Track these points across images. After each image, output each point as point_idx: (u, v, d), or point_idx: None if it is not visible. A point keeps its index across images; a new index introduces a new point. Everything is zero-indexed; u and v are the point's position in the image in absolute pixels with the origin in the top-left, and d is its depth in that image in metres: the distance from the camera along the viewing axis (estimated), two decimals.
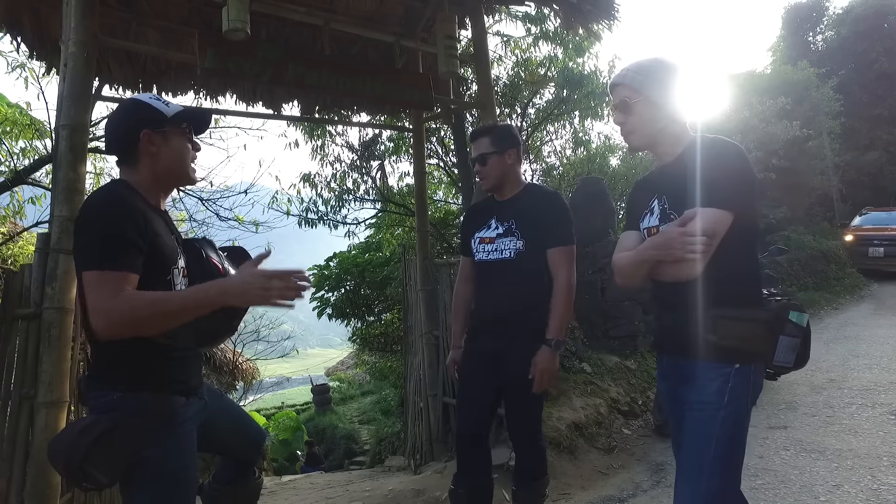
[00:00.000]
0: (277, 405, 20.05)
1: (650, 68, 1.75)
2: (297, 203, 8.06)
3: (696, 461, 1.65)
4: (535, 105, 7.98)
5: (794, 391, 5.07)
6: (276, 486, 5.37)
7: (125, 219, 1.53)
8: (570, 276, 2.41)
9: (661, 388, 2.00)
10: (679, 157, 1.74)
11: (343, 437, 13.58)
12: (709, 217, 1.57)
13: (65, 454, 1.50)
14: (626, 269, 1.79)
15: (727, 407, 1.61)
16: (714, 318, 1.61)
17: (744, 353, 1.62)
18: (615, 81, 1.82)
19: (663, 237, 1.66)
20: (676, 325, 1.72)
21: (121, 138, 1.69)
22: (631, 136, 1.81)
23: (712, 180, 1.59)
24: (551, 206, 2.49)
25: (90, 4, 2.77)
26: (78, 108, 2.63)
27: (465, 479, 2.55)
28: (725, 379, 1.62)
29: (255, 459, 2.09)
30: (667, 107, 1.73)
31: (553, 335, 2.37)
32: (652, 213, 1.80)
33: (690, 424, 1.68)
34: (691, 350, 1.66)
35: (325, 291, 9.88)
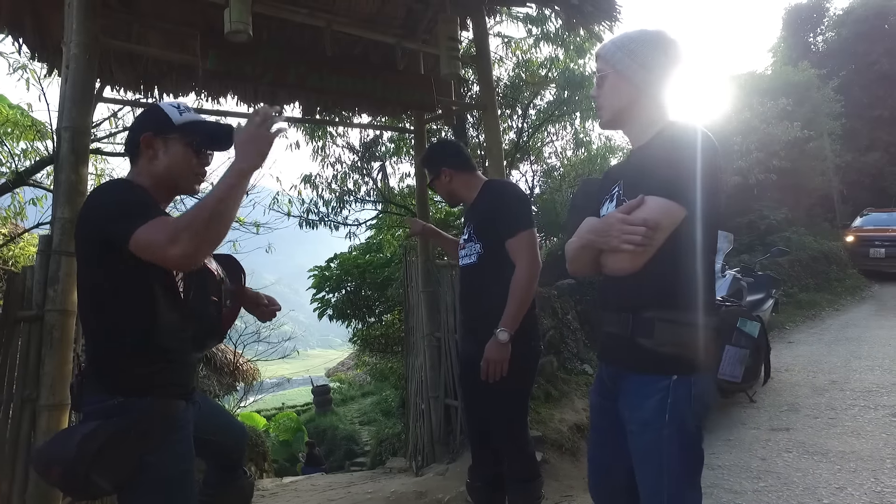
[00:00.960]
0: (278, 406, 20.06)
1: (627, 40, 1.59)
2: (297, 204, 8.07)
3: (654, 492, 1.46)
4: (536, 106, 7.98)
5: (796, 393, 5.06)
6: (277, 487, 5.37)
7: (138, 191, 1.59)
8: (527, 264, 2.34)
9: (591, 400, 1.79)
10: (648, 143, 1.58)
11: (344, 438, 13.59)
12: (655, 207, 1.41)
13: (65, 463, 1.48)
14: (571, 254, 1.65)
15: (669, 425, 1.42)
16: (651, 320, 1.45)
17: (683, 361, 1.44)
18: (596, 52, 1.68)
19: (602, 222, 1.51)
20: (614, 328, 1.56)
21: (129, 139, 1.73)
22: (600, 111, 1.66)
23: (671, 169, 1.43)
24: (499, 199, 2.47)
25: (92, 6, 2.76)
26: (80, 110, 2.63)
27: (479, 470, 2.63)
28: (664, 393, 1.43)
29: (242, 459, 2.10)
30: (639, 83, 1.55)
31: (504, 325, 2.30)
32: (612, 200, 1.63)
33: (635, 449, 1.50)
34: (623, 357, 1.53)
35: (325, 292, 9.88)
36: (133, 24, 3.82)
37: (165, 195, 1.76)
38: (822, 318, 8.68)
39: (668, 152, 1.45)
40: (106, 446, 1.48)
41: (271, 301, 2.09)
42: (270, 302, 2.08)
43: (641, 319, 1.47)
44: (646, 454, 1.47)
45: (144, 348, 1.58)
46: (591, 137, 8.63)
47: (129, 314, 1.57)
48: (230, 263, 2.06)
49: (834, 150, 14.39)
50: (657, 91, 1.56)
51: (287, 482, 5.91)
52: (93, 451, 1.47)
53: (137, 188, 1.62)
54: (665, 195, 1.41)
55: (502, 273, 2.39)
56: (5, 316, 2.45)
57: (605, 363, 1.66)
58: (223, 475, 2.08)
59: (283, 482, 5.97)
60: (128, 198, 1.55)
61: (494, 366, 2.31)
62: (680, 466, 1.44)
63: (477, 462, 2.66)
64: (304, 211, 7.99)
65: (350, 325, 10.63)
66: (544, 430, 4.05)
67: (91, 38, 2.73)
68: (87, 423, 1.57)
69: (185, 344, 1.72)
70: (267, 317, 2.12)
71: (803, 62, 14.93)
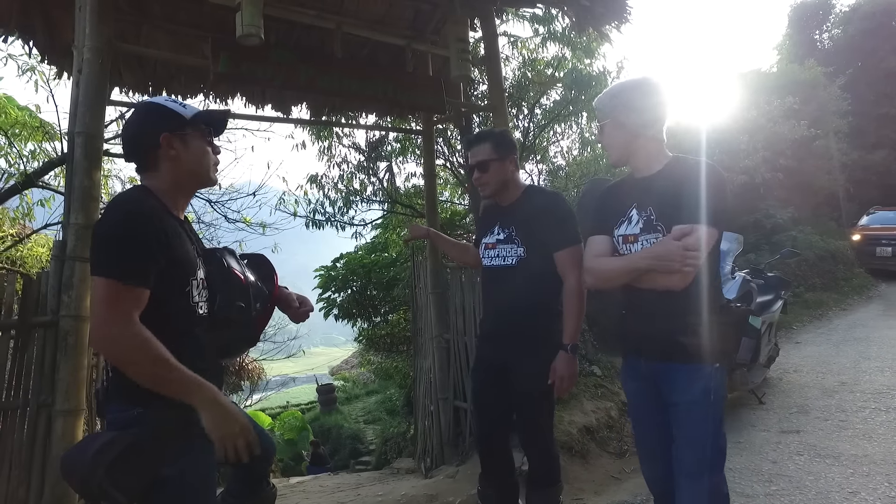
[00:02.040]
0: (283, 404, 20.11)
1: (619, 92, 1.90)
2: (304, 204, 8.06)
3: (699, 457, 1.80)
4: (542, 106, 7.95)
5: (806, 394, 5.04)
6: (284, 488, 5.37)
7: (146, 230, 1.50)
8: (579, 278, 2.37)
9: (630, 388, 2.10)
10: (660, 173, 1.88)
11: (348, 437, 13.59)
12: (706, 235, 1.70)
13: (82, 471, 1.47)
14: (610, 274, 1.90)
15: (714, 403, 1.80)
16: (694, 324, 1.79)
17: (718, 352, 1.81)
18: (594, 106, 2.02)
19: (663, 248, 1.74)
20: (658, 331, 1.86)
21: (140, 143, 1.66)
22: (608, 153, 2.00)
23: (708, 200, 1.72)
24: (553, 209, 2.47)
25: (105, 10, 2.77)
26: (93, 114, 2.63)
27: (491, 479, 2.63)
28: (708, 378, 1.79)
29: (267, 471, 2.09)
30: (632, 126, 1.86)
31: (569, 340, 2.36)
32: (630, 222, 1.90)
33: (683, 424, 1.84)
34: (674, 354, 1.83)
35: (331, 292, 9.87)
36: (142, 27, 3.83)
37: (189, 191, 1.76)
38: (829, 318, 8.65)
39: (698, 185, 1.75)
40: (122, 457, 1.47)
41: (304, 302, 2.05)
42: (303, 303, 2.04)
43: (685, 324, 1.79)
44: (694, 428, 1.81)
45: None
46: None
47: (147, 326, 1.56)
48: (262, 264, 2.01)
49: (840, 148, 14.31)
50: (651, 129, 1.87)
51: (294, 482, 5.92)
52: (108, 460, 1.45)
53: (159, 207, 1.59)
54: (709, 223, 1.71)
55: (545, 282, 2.42)
56: (21, 321, 2.45)
57: (643, 358, 1.96)
58: (248, 486, 2.07)
59: (290, 482, 5.98)
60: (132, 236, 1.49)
61: (569, 380, 2.37)
62: (719, 437, 1.83)
63: (487, 470, 2.66)
64: (311, 211, 7.98)
65: (355, 324, 10.63)
66: (554, 433, 4.04)
67: (104, 43, 2.73)
68: (106, 433, 1.56)
69: (207, 354, 1.70)
70: (300, 318, 2.08)
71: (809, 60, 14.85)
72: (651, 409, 1.98)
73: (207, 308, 1.71)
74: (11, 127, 5.62)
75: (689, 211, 1.73)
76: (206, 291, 1.72)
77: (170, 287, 1.56)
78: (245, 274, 1.88)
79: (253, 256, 2.06)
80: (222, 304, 1.75)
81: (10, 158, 5.82)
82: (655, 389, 1.93)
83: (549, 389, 2.40)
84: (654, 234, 1.82)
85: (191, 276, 1.64)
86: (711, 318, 1.77)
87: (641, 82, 1.89)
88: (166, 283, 1.54)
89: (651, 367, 1.92)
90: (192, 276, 1.64)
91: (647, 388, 1.96)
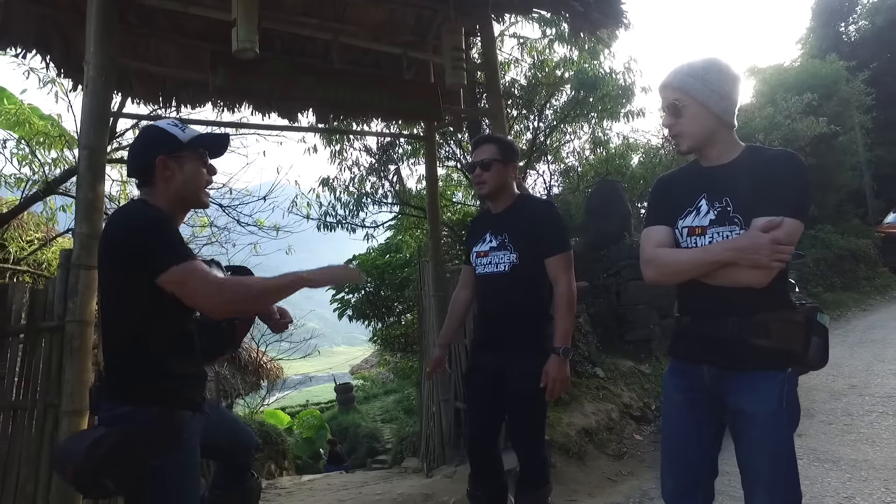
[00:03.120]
0: (302, 403, 20.42)
1: (703, 70, 1.73)
2: (316, 207, 8.20)
3: (775, 475, 1.68)
4: (553, 106, 7.97)
5: (813, 397, 4.99)
6: (294, 485, 5.51)
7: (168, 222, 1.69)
8: (569, 283, 2.46)
9: (674, 399, 1.90)
10: (735, 163, 1.74)
11: (365, 435, 13.75)
12: (794, 228, 1.59)
13: (75, 463, 1.59)
14: (680, 266, 1.74)
15: (787, 411, 1.67)
16: (766, 322, 1.65)
17: (793, 355, 1.67)
18: (665, 83, 1.80)
19: (749, 241, 1.61)
20: (730, 332, 1.70)
21: (139, 163, 1.79)
22: (680, 138, 1.80)
23: (794, 191, 1.62)
24: (544, 216, 2.54)
25: (108, 29, 2.89)
26: (97, 130, 2.76)
27: (480, 480, 2.67)
28: (782, 385, 1.65)
29: (249, 463, 2.19)
30: (719, 111, 1.71)
31: (560, 343, 2.40)
32: (699, 213, 1.75)
33: (758, 438, 1.69)
34: (748, 359, 1.67)
35: (345, 293, 10.02)
36: (151, 39, 3.98)
37: (181, 212, 1.88)
38: (847, 319, 8.48)
39: (784, 176, 1.63)
40: (112, 451, 1.58)
41: (283, 314, 2.19)
42: (282, 315, 2.18)
43: (755, 322, 1.65)
44: (767, 438, 1.67)
45: (154, 362, 1.67)
46: (609, 137, 8.59)
47: (142, 328, 1.67)
48: (243, 272, 2.15)
49: (865, 143, 13.95)
50: (731, 116, 1.74)
51: (305, 480, 6.06)
52: (100, 455, 1.57)
53: (165, 216, 1.71)
54: (796, 216, 1.59)
55: (537, 288, 2.48)
56: (29, 326, 2.60)
57: (707, 364, 1.77)
58: (231, 477, 2.17)
59: (301, 480, 6.12)
60: (167, 229, 1.66)
61: (562, 383, 2.40)
62: (792, 447, 1.69)
63: (477, 470, 2.70)
64: (322, 214, 8.13)
65: (370, 324, 10.78)
66: (552, 434, 4.08)
67: (107, 60, 2.86)
68: (97, 429, 1.69)
69: (195, 357, 1.82)
70: (279, 328, 2.22)
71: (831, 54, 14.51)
72: (702, 423, 1.81)
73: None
74: (34, 136, 5.85)
75: (773, 203, 1.60)
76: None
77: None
78: None
79: (237, 269, 2.18)
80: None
81: (34, 167, 6.06)
82: (714, 400, 1.77)
83: (541, 392, 2.45)
84: (731, 226, 1.68)
85: None
86: (782, 316, 1.66)
87: (724, 64, 1.74)
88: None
89: (716, 373, 1.75)
90: None
91: (704, 398, 1.79)
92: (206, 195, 1.89)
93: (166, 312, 1.66)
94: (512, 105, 8.33)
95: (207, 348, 1.91)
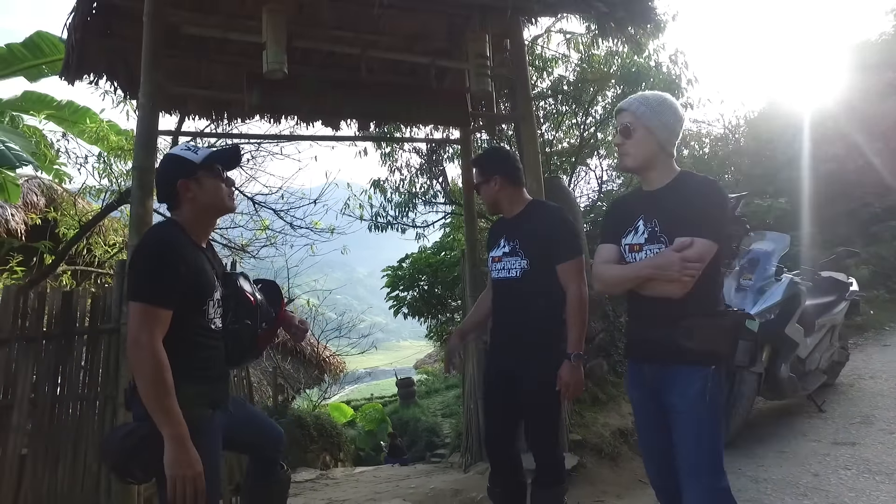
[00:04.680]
0: (367, 396, 21.06)
1: (654, 102, 2.00)
2: (367, 208, 8.49)
3: (697, 457, 1.91)
4: (600, 102, 7.84)
5: (875, 403, 4.68)
6: (345, 476, 5.79)
7: (168, 260, 1.84)
8: (580, 289, 2.51)
9: (633, 395, 2.19)
10: (669, 187, 2.00)
11: (425, 429, 14.02)
12: (705, 247, 1.86)
13: (111, 453, 1.85)
14: (615, 280, 2.09)
15: (710, 405, 1.88)
16: (691, 327, 1.89)
17: (715, 355, 1.90)
18: (622, 106, 2.07)
19: (664, 259, 1.90)
20: (658, 335, 1.96)
21: (164, 190, 2.03)
22: (625, 157, 2.06)
23: (707, 215, 1.88)
24: (555, 222, 2.59)
25: (156, 59, 3.19)
26: (146, 152, 3.06)
27: (499, 478, 2.77)
28: (705, 381, 1.88)
29: (277, 456, 2.38)
30: (662, 140, 1.98)
31: (572, 348, 2.47)
32: (637, 232, 2.04)
33: (682, 426, 1.93)
34: (672, 356, 1.93)
35: (399, 291, 10.29)
36: (202, 63, 4.32)
37: (209, 222, 2.12)
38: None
39: (701, 201, 1.91)
40: (140, 444, 1.81)
41: (303, 323, 2.44)
42: (302, 324, 2.42)
43: (682, 327, 1.89)
44: (690, 426, 1.92)
45: (178, 364, 1.88)
46: None
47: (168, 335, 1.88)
48: (272, 289, 2.38)
49: None
50: (672, 147, 2.02)
51: (357, 472, 6.35)
52: (130, 447, 1.81)
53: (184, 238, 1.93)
54: (709, 237, 1.86)
55: (549, 293, 2.55)
56: (91, 328, 2.94)
57: (646, 363, 2.06)
58: (261, 469, 2.40)
59: (353, 472, 6.41)
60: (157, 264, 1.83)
61: (575, 388, 2.50)
62: (716, 430, 1.92)
63: (496, 469, 2.80)
64: (374, 215, 8.40)
65: (426, 321, 11.00)
66: (585, 434, 4.10)
67: (154, 88, 3.16)
68: (130, 424, 1.93)
69: (218, 362, 2.03)
70: (299, 337, 2.44)
71: None
72: (653, 413, 2.07)
73: (221, 323, 2.04)
74: (111, 151, 6.46)
75: (691, 225, 1.88)
76: (220, 309, 2.05)
77: (189, 306, 1.90)
78: (255, 296, 2.20)
79: (265, 282, 2.41)
80: (232, 320, 2.09)
81: (112, 178, 6.69)
82: (657, 394, 2.03)
83: (555, 396, 2.52)
84: (658, 244, 1.96)
85: (208, 297, 1.97)
86: (707, 322, 1.90)
87: (671, 101, 2.03)
88: (186, 303, 1.88)
89: (653, 370, 2.02)
90: (210, 297, 1.98)
91: (650, 393, 2.06)
92: (231, 201, 2.10)
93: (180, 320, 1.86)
94: (561, 101, 8.26)
95: (231, 354, 2.12)
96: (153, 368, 1.75)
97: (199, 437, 1.88)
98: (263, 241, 7.52)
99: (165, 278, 1.82)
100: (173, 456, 1.74)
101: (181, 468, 1.74)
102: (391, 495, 3.87)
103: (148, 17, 3.18)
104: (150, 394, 1.75)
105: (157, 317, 1.78)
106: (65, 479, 2.75)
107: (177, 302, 1.83)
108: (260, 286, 2.33)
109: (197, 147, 2.10)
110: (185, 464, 1.74)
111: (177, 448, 1.74)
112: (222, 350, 2.05)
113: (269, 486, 2.40)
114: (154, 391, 1.75)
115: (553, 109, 8.14)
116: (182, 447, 1.75)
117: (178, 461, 1.74)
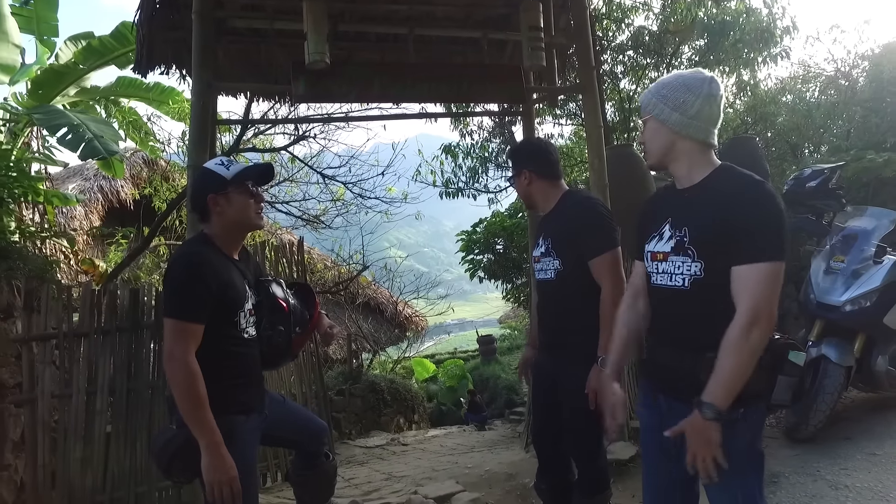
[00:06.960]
0: (451, 350, 21.61)
1: (660, 86, 1.72)
2: (439, 175, 8.44)
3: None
4: (685, 54, 7.14)
5: None
6: (414, 441, 6.01)
7: (198, 277, 1.92)
8: (613, 286, 2.31)
9: (642, 415, 1.88)
10: (701, 185, 1.67)
11: (504, 387, 14.19)
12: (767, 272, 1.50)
13: (156, 456, 2.01)
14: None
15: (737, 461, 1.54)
16: (712, 360, 1.51)
17: (744, 396, 1.51)
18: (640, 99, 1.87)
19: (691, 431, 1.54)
20: (680, 363, 1.65)
21: (195, 204, 2.12)
22: (646, 154, 1.81)
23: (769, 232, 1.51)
24: (582, 218, 2.41)
25: (205, 58, 3.26)
26: (199, 150, 3.16)
27: (545, 475, 2.73)
28: (731, 430, 1.52)
29: (320, 449, 2.48)
30: (673, 125, 1.66)
31: (602, 352, 2.30)
32: (661, 238, 1.72)
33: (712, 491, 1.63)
34: (696, 395, 1.55)
35: (474, 255, 10.28)
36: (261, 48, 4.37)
37: (238, 237, 2.16)
38: None
39: (749, 213, 1.52)
40: (179, 452, 1.95)
41: (332, 326, 2.49)
42: (331, 327, 2.48)
43: (706, 360, 1.54)
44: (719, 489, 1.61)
45: (212, 371, 1.97)
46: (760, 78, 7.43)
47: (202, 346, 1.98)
48: (305, 293, 2.44)
49: None
50: (694, 131, 1.64)
51: (428, 436, 6.57)
52: (171, 450, 1.95)
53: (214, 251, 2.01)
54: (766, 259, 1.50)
55: (585, 294, 2.39)
56: (132, 323, 3.16)
57: (661, 393, 1.76)
58: (308, 460, 2.52)
59: (424, 435, 6.65)
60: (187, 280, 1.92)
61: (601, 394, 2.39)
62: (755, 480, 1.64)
63: (544, 466, 2.76)
64: (445, 181, 8.34)
65: (502, 284, 10.98)
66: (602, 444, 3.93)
67: (204, 86, 3.23)
68: (171, 430, 2.05)
69: (251, 369, 2.11)
70: (329, 340, 2.49)
71: None
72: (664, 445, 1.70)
73: (255, 330, 2.12)
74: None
75: (728, 239, 1.53)
76: (253, 318, 2.12)
77: (221, 318, 1.98)
78: (288, 301, 2.26)
79: (299, 286, 2.47)
80: (266, 327, 2.16)
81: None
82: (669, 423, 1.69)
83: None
84: (683, 257, 1.63)
85: (239, 308, 2.05)
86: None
87: (688, 77, 1.68)
88: (218, 315, 1.96)
89: (669, 404, 1.71)
90: (241, 308, 2.05)
91: (662, 424, 1.70)
92: (259, 218, 2.14)
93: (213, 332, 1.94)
94: (644, 53, 7.62)
95: (267, 359, 2.21)
96: (186, 381, 1.85)
97: (233, 443, 1.98)
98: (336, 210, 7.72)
99: (195, 295, 1.90)
100: (209, 462, 1.85)
101: (217, 473, 1.85)
102: (447, 475, 3.96)
103: (196, 15, 3.23)
104: (184, 405, 1.86)
105: (189, 331, 1.88)
106: (143, 458, 3.04)
107: (208, 316, 1.92)
108: (294, 290, 2.38)
109: (230, 162, 2.12)
110: (221, 469, 1.85)
111: (212, 455, 1.85)
112: (256, 357, 2.14)
113: (312, 477, 2.53)
114: (188, 403, 1.85)
115: (633, 63, 7.54)
116: (216, 454, 1.85)
117: (214, 467, 1.85)
